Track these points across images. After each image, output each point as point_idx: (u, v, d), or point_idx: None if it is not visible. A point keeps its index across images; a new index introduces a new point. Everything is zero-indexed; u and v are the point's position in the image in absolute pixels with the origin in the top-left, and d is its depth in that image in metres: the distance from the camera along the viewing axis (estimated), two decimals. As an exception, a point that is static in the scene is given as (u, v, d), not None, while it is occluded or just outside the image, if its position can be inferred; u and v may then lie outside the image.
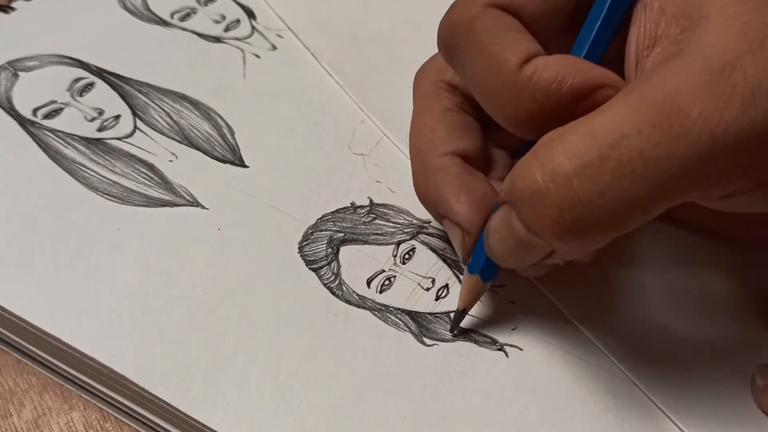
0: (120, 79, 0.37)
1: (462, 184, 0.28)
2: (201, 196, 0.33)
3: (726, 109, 0.22)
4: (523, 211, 0.24)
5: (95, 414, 0.30)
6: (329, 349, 0.29)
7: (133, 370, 0.28)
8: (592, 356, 0.29)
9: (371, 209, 0.33)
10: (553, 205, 0.23)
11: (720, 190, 0.23)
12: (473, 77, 0.27)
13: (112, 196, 0.33)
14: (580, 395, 0.28)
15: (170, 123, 0.36)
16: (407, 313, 0.30)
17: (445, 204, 0.28)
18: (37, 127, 0.35)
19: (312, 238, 0.32)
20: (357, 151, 0.35)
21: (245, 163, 0.34)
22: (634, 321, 0.30)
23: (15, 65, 0.37)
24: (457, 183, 0.28)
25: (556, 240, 0.24)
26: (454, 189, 0.28)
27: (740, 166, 0.23)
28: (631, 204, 0.22)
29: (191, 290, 0.30)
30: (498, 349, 0.29)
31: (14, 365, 0.31)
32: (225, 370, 0.28)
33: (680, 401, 0.28)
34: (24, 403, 0.30)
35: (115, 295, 0.30)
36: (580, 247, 0.24)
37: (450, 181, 0.28)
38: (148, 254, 0.31)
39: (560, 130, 0.23)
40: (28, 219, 0.32)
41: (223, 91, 0.37)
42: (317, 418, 0.27)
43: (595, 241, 0.24)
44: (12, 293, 0.29)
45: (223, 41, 0.40)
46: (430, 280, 0.31)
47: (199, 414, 0.27)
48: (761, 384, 0.28)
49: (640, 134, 0.22)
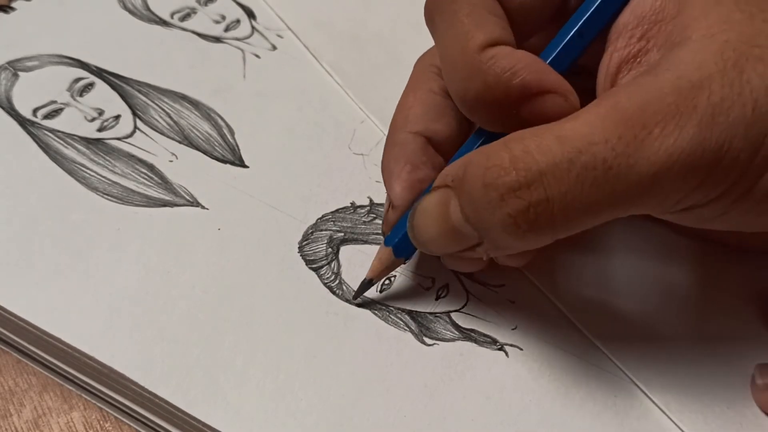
0: (120, 79, 0.37)
1: (409, 162, 0.29)
2: (201, 196, 0.33)
3: (684, 128, 0.22)
4: (473, 198, 0.24)
5: (95, 414, 0.30)
6: (329, 349, 0.29)
7: (133, 369, 0.28)
8: (592, 356, 0.29)
9: (371, 209, 0.33)
10: (524, 198, 0.23)
11: (674, 204, 0.24)
12: (441, 46, 0.27)
13: (112, 196, 0.33)
14: (580, 395, 0.28)
15: (170, 123, 0.36)
16: (407, 312, 0.30)
17: (387, 175, 0.30)
18: (37, 127, 0.35)
19: (312, 237, 0.32)
20: (357, 151, 0.35)
21: (245, 163, 0.34)
22: (633, 321, 0.30)
23: (15, 65, 0.37)
24: (406, 159, 0.29)
25: (503, 231, 0.24)
26: (399, 163, 0.29)
27: (694, 183, 0.23)
28: (588, 208, 0.23)
29: (191, 290, 0.30)
30: (498, 349, 0.29)
31: (14, 365, 0.31)
32: (225, 370, 0.28)
33: (680, 401, 0.28)
34: (24, 403, 0.30)
35: (115, 294, 0.30)
36: (523, 244, 0.25)
37: (401, 156, 0.29)
38: (148, 254, 0.31)
39: (532, 129, 0.24)
40: (28, 219, 0.32)
41: (223, 91, 0.37)
42: (317, 417, 0.27)
43: (543, 239, 0.24)
44: (12, 293, 0.29)
45: (223, 41, 0.40)
46: (429, 279, 0.31)
47: (199, 413, 0.27)
48: (761, 383, 0.28)
49: (606, 144, 0.23)
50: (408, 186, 0.29)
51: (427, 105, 0.30)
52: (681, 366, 0.29)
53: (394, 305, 0.30)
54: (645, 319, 0.30)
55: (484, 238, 0.25)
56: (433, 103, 0.30)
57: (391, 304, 0.30)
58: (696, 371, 0.29)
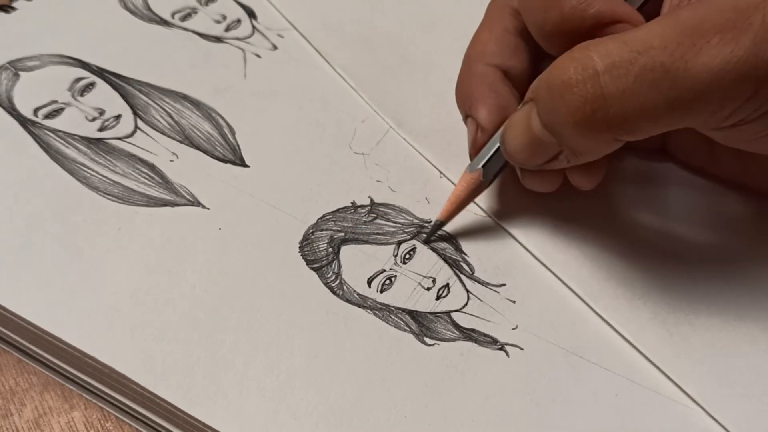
0: (121, 79, 0.37)
1: (492, 90, 0.31)
2: (202, 196, 0.33)
3: (740, 40, 0.24)
4: (545, 102, 0.27)
5: (96, 413, 0.30)
6: (330, 349, 0.29)
7: (134, 369, 0.28)
8: (593, 355, 0.29)
9: (372, 209, 0.33)
10: (579, 93, 0.25)
11: (727, 118, 0.26)
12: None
13: (112, 196, 0.33)
14: (580, 395, 0.28)
15: (171, 123, 0.36)
16: (408, 312, 0.30)
17: (472, 102, 0.32)
18: (38, 127, 0.35)
19: (313, 237, 0.32)
20: (358, 150, 0.35)
21: (246, 162, 0.35)
22: (649, 304, 0.30)
23: (16, 65, 0.37)
24: (488, 88, 0.31)
25: (570, 129, 0.26)
26: (483, 92, 0.31)
27: (747, 93, 0.25)
28: (645, 110, 0.25)
29: (192, 290, 0.30)
30: (498, 349, 0.29)
31: (15, 365, 0.31)
32: (226, 370, 0.28)
33: (712, 389, 0.28)
34: (25, 403, 0.30)
35: (116, 294, 0.30)
36: (590, 144, 0.27)
37: (483, 85, 0.32)
38: (149, 254, 0.31)
39: (597, 39, 0.26)
40: (29, 219, 0.32)
41: (224, 90, 0.37)
42: (317, 417, 0.27)
43: (605, 139, 0.27)
44: (13, 293, 0.29)
45: (224, 41, 0.40)
46: (430, 279, 0.31)
47: (200, 413, 0.27)
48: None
49: (665, 49, 0.25)
50: (495, 111, 0.31)
51: (502, 42, 0.32)
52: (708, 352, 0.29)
53: (394, 305, 0.30)
54: (645, 305, 0.30)
55: (561, 144, 0.28)
56: (508, 41, 0.32)
57: (391, 304, 0.30)
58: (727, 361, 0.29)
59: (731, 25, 0.24)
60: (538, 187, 0.31)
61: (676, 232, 0.33)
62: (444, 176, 0.35)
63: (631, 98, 0.25)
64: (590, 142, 0.27)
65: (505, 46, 0.32)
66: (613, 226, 0.33)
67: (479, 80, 0.32)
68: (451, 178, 0.35)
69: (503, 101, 0.31)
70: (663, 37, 0.25)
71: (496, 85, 0.32)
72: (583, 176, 0.30)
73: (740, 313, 0.30)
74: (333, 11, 0.42)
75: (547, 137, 0.28)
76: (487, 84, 0.32)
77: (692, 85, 0.24)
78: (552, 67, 0.27)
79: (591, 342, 0.30)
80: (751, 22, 0.24)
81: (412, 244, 0.32)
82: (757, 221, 0.33)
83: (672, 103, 0.25)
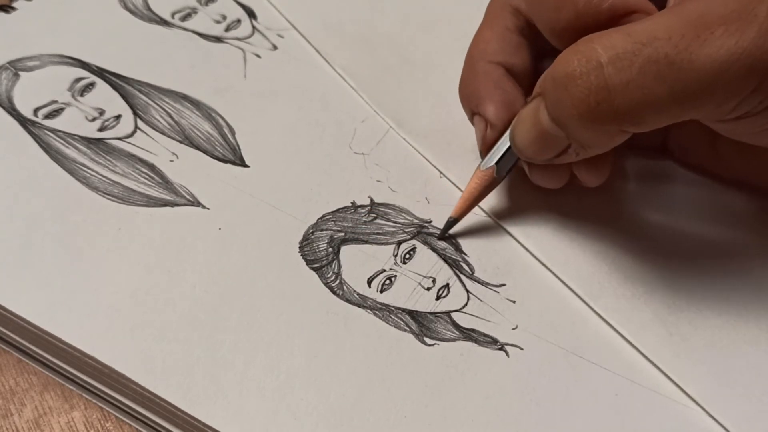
0: (121, 79, 0.37)
1: (497, 87, 0.32)
2: (202, 196, 0.33)
3: (745, 32, 0.24)
4: (551, 95, 0.27)
5: (96, 413, 0.30)
6: (330, 349, 0.29)
7: (134, 369, 0.28)
8: (593, 355, 0.29)
9: (372, 209, 0.33)
10: (583, 85, 0.26)
11: (731, 110, 0.25)
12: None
13: (112, 196, 0.33)
14: (580, 395, 0.28)
15: (171, 123, 0.36)
16: (408, 312, 0.30)
17: (478, 100, 0.32)
18: (38, 127, 0.35)
19: (313, 237, 0.32)
20: (358, 150, 0.35)
21: (246, 162, 0.35)
22: (651, 304, 0.30)
23: (16, 65, 0.37)
24: (494, 85, 0.32)
25: (576, 121, 0.26)
26: (489, 89, 0.32)
27: (752, 85, 0.25)
28: (649, 101, 0.25)
29: (192, 290, 0.30)
30: (498, 349, 0.29)
31: (15, 365, 0.31)
32: (226, 370, 0.28)
33: (712, 389, 0.28)
34: (25, 403, 0.30)
35: (116, 294, 0.30)
36: (596, 135, 0.27)
37: (489, 83, 0.32)
38: (149, 254, 0.31)
39: (602, 31, 0.26)
40: (29, 219, 0.32)
41: (224, 90, 0.37)
42: (317, 417, 0.27)
43: (611, 131, 0.26)
44: (13, 293, 0.29)
45: (224, 41, 0.40)
46: (430, 279, 0.31)
47: (200, 413, 0.27)
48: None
49: (669, 40, 0.25)
50: (503, 108, 0.31)
51: (504, 40, 0.32)
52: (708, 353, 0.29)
53: (394, 305, 0.30)
54: (646, 304, 0.30)
55: (569, 137, 0.28)
56: (509, 39, 0.32)
57: (391, 304, 0.30)
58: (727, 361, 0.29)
59: (736, 17, 0.24)
60: (545, 182, 0.32)
61: (676, 231, 0.33)
62: (444, 176, 0.35)
63: (635, 89, 0.25)
64: (596, 133, 0.27)
65: (507, 44, 0.32)
66: (613, 226, 0.33)
67: (484, 78, 0.32)
68: (451, 178, 0.35)
69: (509, 97, 0.31)
70: (667, 28, 0.25)
71: (501, 82, 0.32)
72: (590, 173, 0.31)
73: (740, 313, 0.30)
74: (333, 11, 0.42)
75: (556, 131, 0.28)
76: (492, 81, 0.32)
77: (696, 77, 0.24)
78: (557, 61, 0.27)
79: (591, 342, 0.30)
80: (756, 13, 0.24)
81: (412, 244, 0.32)
82: (758, 220, 0.33)
83: (676, 94, 0.25)
